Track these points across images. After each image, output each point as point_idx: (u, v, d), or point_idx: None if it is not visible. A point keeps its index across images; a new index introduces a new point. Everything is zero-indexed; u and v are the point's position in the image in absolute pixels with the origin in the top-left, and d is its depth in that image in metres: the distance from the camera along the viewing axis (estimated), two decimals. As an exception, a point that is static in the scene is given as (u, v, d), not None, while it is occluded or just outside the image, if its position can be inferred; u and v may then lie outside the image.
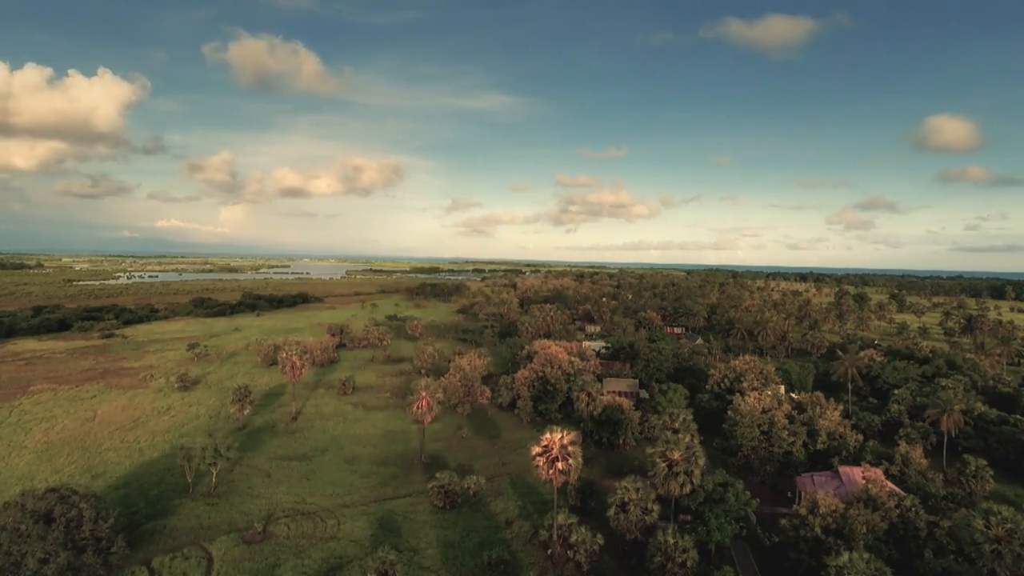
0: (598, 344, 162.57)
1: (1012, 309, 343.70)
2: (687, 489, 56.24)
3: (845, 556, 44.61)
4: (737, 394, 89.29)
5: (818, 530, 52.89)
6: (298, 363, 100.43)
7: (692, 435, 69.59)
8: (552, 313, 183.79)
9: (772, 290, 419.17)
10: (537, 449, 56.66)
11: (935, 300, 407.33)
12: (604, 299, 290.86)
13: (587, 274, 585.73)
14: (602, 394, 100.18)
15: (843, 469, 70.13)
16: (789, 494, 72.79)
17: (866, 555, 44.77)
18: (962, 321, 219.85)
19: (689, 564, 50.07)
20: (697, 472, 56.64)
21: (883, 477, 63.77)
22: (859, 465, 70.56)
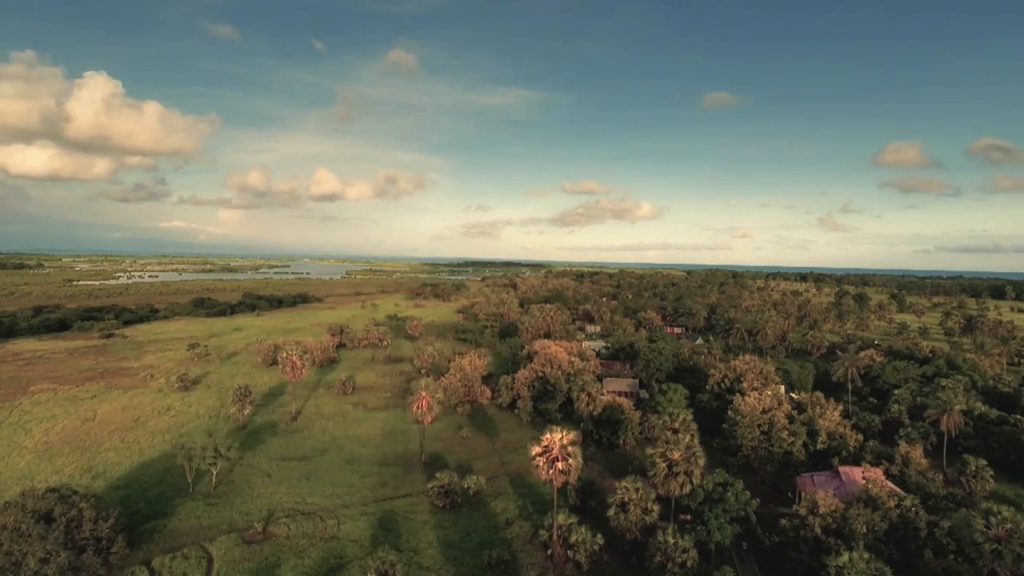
0: (598, 344, 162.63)
1: (1012, 309, 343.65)
2: (687, 489, 56.26)
3: (845, 556, 44.61)
4: (737, 394, 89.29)
5: (818, 530, 52.90)
6: (298, 363, 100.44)
7: (692, 435, 69.54)
8: (552, 313, 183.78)
9: (772, 290, 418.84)
10: (537, 449, 56.67)
11: (935, 300, 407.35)
12: (604, 299, 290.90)
13: (587, 274, 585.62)
14: (602, 394, 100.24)
15: (843, 469, 70.12)
16: (789, 494, 72.78)
17: (866, 555, 44.76)
18: (962, 321, 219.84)
19: (689, 564, 50.10)
20: (697, 472, 56.65)
21: (883, 477, 63.77)
22: (859, 465, 70.55)
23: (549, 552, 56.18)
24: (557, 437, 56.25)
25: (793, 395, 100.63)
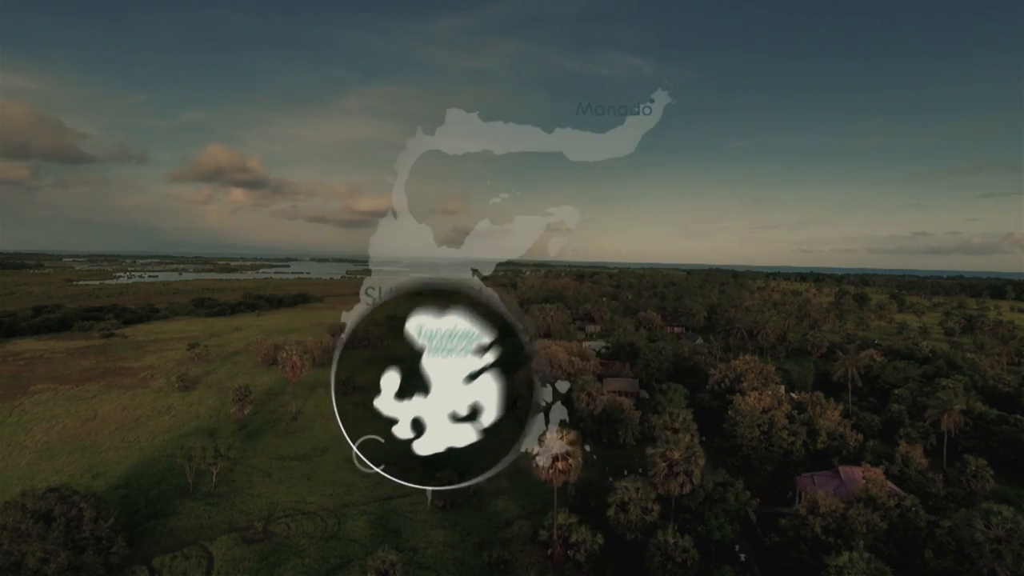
0: (598, 344, 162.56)
1: (1012, 309, 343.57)
2: (687, 489, 56.30)
3: (845, 556, 44.67)
4: (737, 394, 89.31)
5: (818, 530, 52.92)
6: (298, 363, 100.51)
7: (692, 435, 69.61)
8: (552, 313, 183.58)
9: (772, 290, 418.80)
10: (537, 449, 56.68)
11: (935, 300, 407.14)
12: (604, 299, 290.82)
13: (587, 274, 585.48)
14: (602, 394, 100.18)
15: (843, 469, 70.14)
16: (789, 494, 72.83)
17: (866, 555, 44.82)
18: (962, 321, 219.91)
19: (689, 564, 50.16)
20: (697, 472, 56.68)
21: (883, 477, 63.78)
22: (859, 465, 70.52)
23: (549, 552, 56.24)
24: (557, 437, 56.26)
25: (793, 395, 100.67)
